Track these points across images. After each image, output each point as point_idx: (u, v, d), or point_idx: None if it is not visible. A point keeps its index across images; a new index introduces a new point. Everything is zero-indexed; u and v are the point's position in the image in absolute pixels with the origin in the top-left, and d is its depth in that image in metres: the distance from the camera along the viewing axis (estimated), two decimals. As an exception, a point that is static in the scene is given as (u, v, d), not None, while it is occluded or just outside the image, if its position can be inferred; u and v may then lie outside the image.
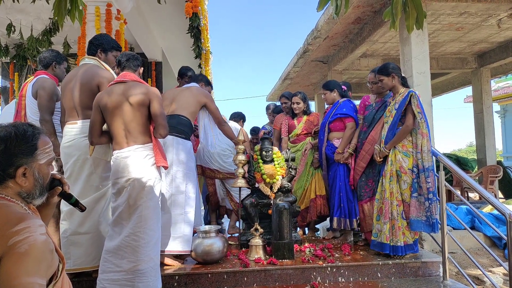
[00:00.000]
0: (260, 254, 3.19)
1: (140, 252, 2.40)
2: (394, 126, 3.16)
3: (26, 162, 1.27)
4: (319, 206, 3.98)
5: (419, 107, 3.06)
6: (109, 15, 4.79)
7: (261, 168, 3.59)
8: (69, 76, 2.86)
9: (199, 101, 3.39)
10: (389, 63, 3.29)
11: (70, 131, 2.73)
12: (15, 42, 6.78)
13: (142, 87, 2.52)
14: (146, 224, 2.44)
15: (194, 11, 4.47)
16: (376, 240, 3.18)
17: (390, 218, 3.11)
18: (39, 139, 1.31)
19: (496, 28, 6.47)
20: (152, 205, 2.48)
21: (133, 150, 2.46)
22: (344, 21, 6.14)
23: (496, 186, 7.47)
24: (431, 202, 2.99)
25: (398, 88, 3.24)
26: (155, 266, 2.48)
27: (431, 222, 2.99)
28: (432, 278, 3.08)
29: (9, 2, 3.63)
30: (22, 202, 1.30)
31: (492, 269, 4.25)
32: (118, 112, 2.48)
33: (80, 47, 4.98)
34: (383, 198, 3.16)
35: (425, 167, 3.01)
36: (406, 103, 3.10)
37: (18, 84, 7.03)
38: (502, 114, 15.51)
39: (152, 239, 2.46)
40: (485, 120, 8.39)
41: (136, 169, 2.44)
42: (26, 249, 1.11)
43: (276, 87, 11.18)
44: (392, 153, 3.15)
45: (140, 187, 2.43)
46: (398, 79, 3.23)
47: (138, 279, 2.37)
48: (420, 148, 3.05)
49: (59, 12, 1.98)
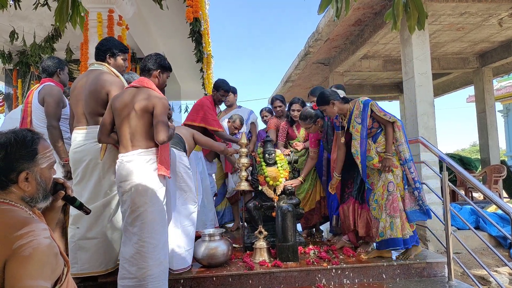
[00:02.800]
0: (265, 257, 3.19)
1: (149, 257, 2.40)
2: (364, 139, 3.17)
3: (28, 167, 1.29)
4: (323, 207, 4.01)
5: (381, 110, 3.16)
6: (111, 21, 4.83)
7: (264, 170, 3.60)
8: (77, 82, 2.85)
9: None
10: (323, 92, 3.33)
11: (79, 136, 2.74)
12: (18, 49, 6.84)
13: (146, 93, 2.51)
14: (152, 229, 2.43)
15: (195, 16, 4.50)
16: (383, 239, 3.13)
17: (400, 211, 3.11)
18: (38, 143, 1.33)
19: (497, 28, 6.48)
20: (155, 209, 2.46)
21: (137, 154, 2.47)
22: (345, 23, 6.16)
23: (500, 186, 7.44)
24: (419, 191, 3.12)
25: (343, 109, 3.29)
26: (164, 269, 2.49)
27: (424, 209, 3.10)
28: (437, 279, 3.07)
29: (12, 9, 3.66)
30: (26, 206, 1.31)
31: (498, 269, 4.23)
32: (124, 116, 2.50)
33: (83, 53, 5.02)
34: (383, 193, 3.16)
35: (406, 158, 3.14)
36: (369, 114, 3.15)
37: (21, 90, 7.09)
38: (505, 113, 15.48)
39: (159, 243, 2.46)
40: (488, 119, 8.37)
41: (138, 174, 2.43)
42: (30, 253, 1.13)
43: (278, 90, 11.20)
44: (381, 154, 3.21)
45: (142, 191, 2.42)
46: (338, 102, 3.27)
47: (150, 284, 2.38)
48: (399, 140, 3.16)
49: (60, 18, 2.00)
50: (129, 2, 5.19)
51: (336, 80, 8.26)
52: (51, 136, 3.06)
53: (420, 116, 4.91)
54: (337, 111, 3.28)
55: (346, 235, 3.60)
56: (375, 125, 3.22)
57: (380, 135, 3.23)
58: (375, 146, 3.21)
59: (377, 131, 3.24)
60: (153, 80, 2.69)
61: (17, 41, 5.89)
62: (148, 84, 2.59)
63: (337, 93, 3.32)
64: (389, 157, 3.14)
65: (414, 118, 4.97)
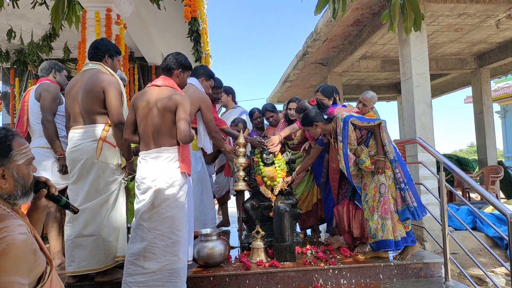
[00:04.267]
0: (262, 257, 3.19)
1: (169, 252, 2.43)
2: (346, 155, 3.18)
3: (3, 163, 1.29)
4: (320, 210, 4.01)
5: (363, 121, 3.17)
6: (109, 20, 4.81)
7: (262, 170, 3.59)
8: (72, 82, 2.86)
9: (194, 104, 3.15)
10: (307, 113, 3.33)
11: (75, 136, 2.74)
12: (15, 48, 6.81)
13: (169, 93, 2.56)
14: (173, 224, 2.47)
15: (193, 16, 4.48)
16: (375, 240, 3.15)
17: (391, 212, 3.12)
18: (13, 140, 1.33)
19: (495, 29, 6.49)
20: (178, 205, 2.51)
21: (160, 151, 2.53)
22: (343, 23, 6.16)
23: (497, 186, 7.46)
24: (404, 191, 3.11)
25: (327, 129, 3.32)
26: (184, 267, 2.51)
27: (411, 209, 3.08)
28: (434, 279, 3.08)
29: (10, 8, 3.65)
30: (4, 204, 1.31)
31: (494, 269, 4.25)
32: (147, 115, 2.55)
33: (80, 52, 5.01)
34: (375, 195, 3.17)
35: (391, 159, 3.14)
36: (352, 129, 3.15)
37: (19, 89, 7.07)
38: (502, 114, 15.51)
39: (180, 239, 2.49)
40: (486, 120, 8.40)
41: (162, 170, 2.49)
42: (4, 248, 1.12)
43: (276, 90, 11.21)
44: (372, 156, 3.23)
45: (165, 188, 2.47)
46: (322, 123, 3.29)
47: (167, 278, 2.40)
48: (384, 141, 3.16)
49: (56, 17, 2.00)
50: (127, 1, 5.17)
51: (335, 80, 8.27)
52: (46, 130, 3.09)
53: (418, 116, 4.92)
54: (320, 132, 3.32)
55: (342, 235, 3.61)
56: (363, 133, 3.25)
57: (370, 139, 3.26)
58: (368, 150, 3.23)
59: (368, 136, 3.27)
60: (174, 79, 2.73)
61: (14, 39, 5.86)
62: (170, 83, 2.65)
63: (321, 114, 3.34)
64: (381, 159, 3.16)
65: (412, 118, 4.98)
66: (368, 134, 3.27)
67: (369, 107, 4.14)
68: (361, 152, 3.21)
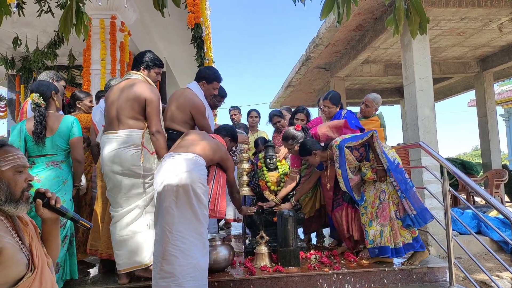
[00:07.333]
0: (266, 262, 3.20)
1: (189, 255, 2.45)
2: (346, 179, 3.16)
3: None
4: (324, 216, 4.00)
5: (357, 141, 3.16)
6: (113, 27, 4.87)
7: (265, 175, 3.61)
8: (114, 88, 2.97)
9: (184, 110, 3.16)
10: (304, 143, 3.35)
11: (109, 141, 2.80)
12: (21, 55, 6.89)
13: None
14: (193, 227, 2.50)
15: (196, 22, 4.53)
16: (373, 246, 3.16)
17: (390, 219, 3.12)
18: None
19: (498, 32, 6.50)
20: (201, 207, 2.55)
21: (194, 155, 2.64)
22: (346, 28, 6.19)
23: (502, 190, 7.42)
24: (401, 199, 3.11)
25: (324, 157, 3.34)
26: (203, 272, 2.54)
27: (411, 217, 3.07)
28: (439, 284, 3.07)
29: (16, 16, 3.70)
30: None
31: (500, 274, 4.22)
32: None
33: (85, 59, 5.06)
34: (374, 201, 3.19)
35: (386, 168, 3.15)
36: (348, 153, 3.14)
37: (24, 96, 7.13)
38: (506, 117, 15.47)
39: (199, 242, 2.52)
40: (489, 123, 8.37)
41: (192, 172, 2.54)
42: None
43: (279, 94, 11.23)
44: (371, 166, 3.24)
45: (192, 189, 2.50)
46: (319, 151, 3.30)
47: (188, 283, 2.42)
48: (378, 151, 3.17)
49: (65, 28, 2.03)
50: (131, 9, 5.24)
51: (338, 85, 8.28)
52: None
53: (421, 120, 4.92)
54: (319, 160, 3.34)
55: (343, 242, 3.61)
56: (361, 150, 3.25)
57: (369, 152, 3.27)
58: (370, 164, 3.24)
59: (366, 151, 3.27)
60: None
61: (20, 47, 5.93)
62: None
63: (318, 143, 3.37)
64: (381, 168, 3.17)
65: (415, 122, 4.98)
66: (366, 148, 3.27)
67: (372, 108, 4.14)
68: (363, 166, 3.24)
